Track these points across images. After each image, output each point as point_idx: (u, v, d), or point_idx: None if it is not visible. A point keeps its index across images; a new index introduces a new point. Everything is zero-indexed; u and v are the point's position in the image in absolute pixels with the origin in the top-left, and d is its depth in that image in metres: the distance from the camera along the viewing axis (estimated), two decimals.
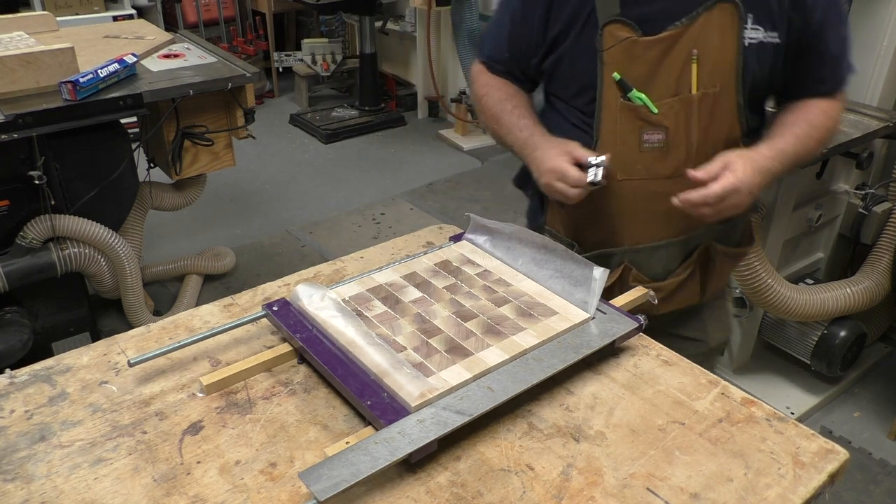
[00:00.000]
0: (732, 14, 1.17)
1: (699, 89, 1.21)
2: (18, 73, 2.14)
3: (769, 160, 1.19)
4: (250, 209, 3.97)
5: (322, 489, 0.81)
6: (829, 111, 1.28)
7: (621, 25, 1.21)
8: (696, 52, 1.19)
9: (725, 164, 1.15)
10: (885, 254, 2.43)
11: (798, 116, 1.27)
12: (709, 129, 1.25)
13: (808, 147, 1.25)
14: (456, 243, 1.33)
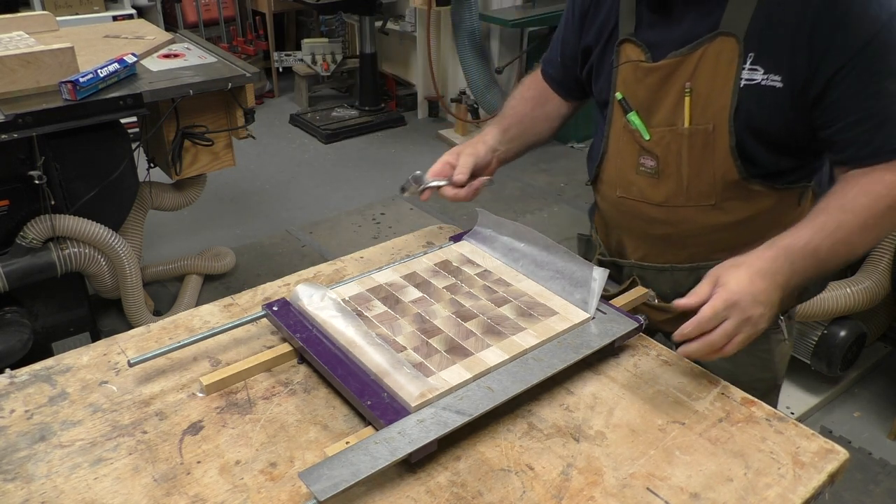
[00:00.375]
0: (732, 50, 1.09)
1: (691, 123, 1.15)
2: (18, 73, 2.14)
3: (771, 261, 1.01)
4: (250, 209, 3.97)
5: (322, 489, 0.81)
6: (874, 188, 1.05)
7: (634, 46, 1.20)
8: (689, 86, 1.13)
9: (714, 281, 1.01)
10: (885, 254, 2.43)
11: (829, 201, 1.07)
12: (701, 165, 1.17)
13: (837, 238, 1.04)
14: (456, 243, 1.33)
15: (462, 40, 4.39)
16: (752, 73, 1.09)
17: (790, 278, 1.02)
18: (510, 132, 1.39)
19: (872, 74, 1.02)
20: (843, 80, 1.04)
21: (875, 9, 1.00)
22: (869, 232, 1.06)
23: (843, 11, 1.01)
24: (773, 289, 1.00)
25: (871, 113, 1.04)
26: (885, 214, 1.05)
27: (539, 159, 4.39)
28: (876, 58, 1.01)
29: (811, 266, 1.04)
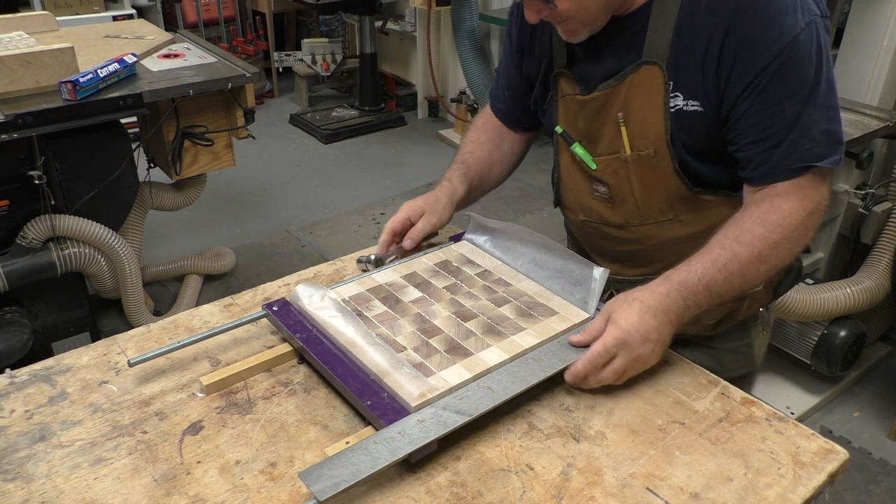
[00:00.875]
0: (657, 77, 1.09)
1: (633, 150, 1.16)
2: (18, 73, 2.14)
3: (663, 297, 1.02)
4: (250, 209, 3.97)
5: (322, 489, 0.81)
6: (768, 217, 1.05)
7: (568, 79, 1.22)
8: (622, 116, 1.14)
9: (607, 317, 1.02)
10: (885, 254, 2.43)
11: (727, 231, 1.07)
12: (651, 186, 1.18)
13: (730, 270, 1.04)
14: (456, 243, 1.33)
15: (462, 40, 4.39)
16: (675, 100, 1.10)
17: (683, 314, 1.04)
18: (471, 181, 1.38)
19: (771, 96, 1.03)
20: (745, 101, 1.05)
21: (776, 32, 1.01)
22: (763, 263, 1.06)
23: (743, 35, 1.02)
24: (664, 325, 1.02)
25: (768, 134, 1.05)
26: (779, 244, 1.05)
27: (539, 159, 4.39)
28: (775, 80, 1.02)
29: (704, 300, 1.05)
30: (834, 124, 1.05)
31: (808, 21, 1.01)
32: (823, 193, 1.08)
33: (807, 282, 2.51)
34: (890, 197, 2.48)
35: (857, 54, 2.47)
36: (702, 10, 1.05)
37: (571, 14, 1.07)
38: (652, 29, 1.09)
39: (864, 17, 2.43)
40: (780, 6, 1.00)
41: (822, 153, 1.04)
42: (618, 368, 1.00)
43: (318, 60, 5.21)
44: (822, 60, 1.02)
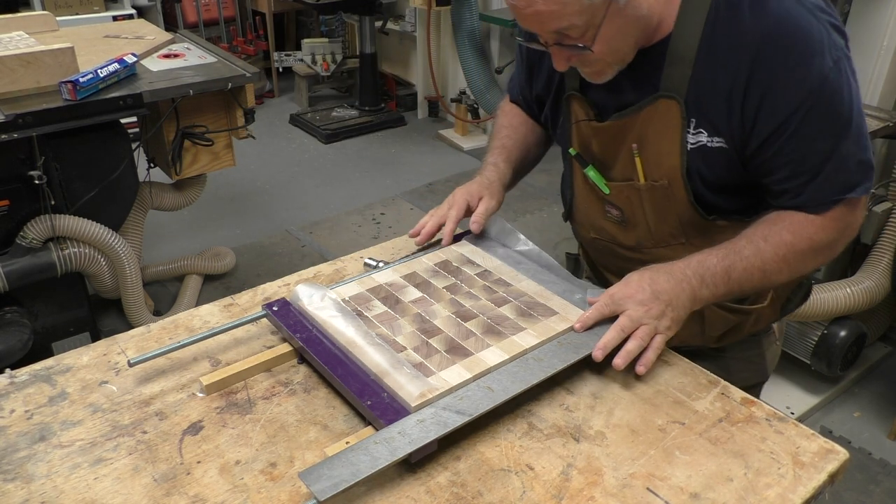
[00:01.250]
0: (674, 111, 1.08)
1: (646, 180, 1.16)
2: (18, 73, 2.14)
3: (680, 269, 1.06)
4: (250, 209, 3.97)
5: (322, 489, 0.81)
6: (800, 229, 1.07)
7: (581, 103, 1.20)
8: (636, 148, 1.14)
9: (622, 281, 1.07)
10: (885, 254, 2.43)
11: (756, 229, 1.09)
12: (664, 214, 1.18)
13: (752, 263, 1.06)
14: (456, 243, 1.33)
15: (462, 40, 4.39)
16: (698, 136, 1.09)
17: (699, 290, 1.06)
18: (515, 164, 1.37)
19: (805, 136, 1.02)
20: (776, 141, 1.04)
21: (805, 74, 0.99)
22: (786, 265, 1.07)
23: (770, 77, 1.01)
24: (676, 290, 1.04)
25: (802, 171, 1.05)
26: (806, 254, 1.07)
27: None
28: (807, 121, 1.01)
29: (722, 283, 1.06)
30: (866, 153, 1.06)
31: (836, 58, 0.99)
32: (858, 216, 1.09)
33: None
34: (890, 197, 2.48)
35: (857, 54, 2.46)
36: (723, 47, 1.03)
37: (603, 56, 1.05)
38: (669, 63, 1.07)
39: (864, 17, 2.43)
40: (807, 47, 0.99)
41: (856, 182, 1.05)
42: (634, 317, 1.02)
43: (318, 60, 5.21)
44: (851, 94, 1.02)
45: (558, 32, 1.01)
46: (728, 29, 1.02)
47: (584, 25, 0.99)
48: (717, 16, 1.03)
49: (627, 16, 1.00)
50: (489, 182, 1.32)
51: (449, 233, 1.28)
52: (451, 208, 1.28)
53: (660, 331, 1.04)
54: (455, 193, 1.30)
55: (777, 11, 0.99)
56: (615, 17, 0.99)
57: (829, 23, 1.00)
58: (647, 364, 1.02)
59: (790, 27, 0.99)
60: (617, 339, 1.03)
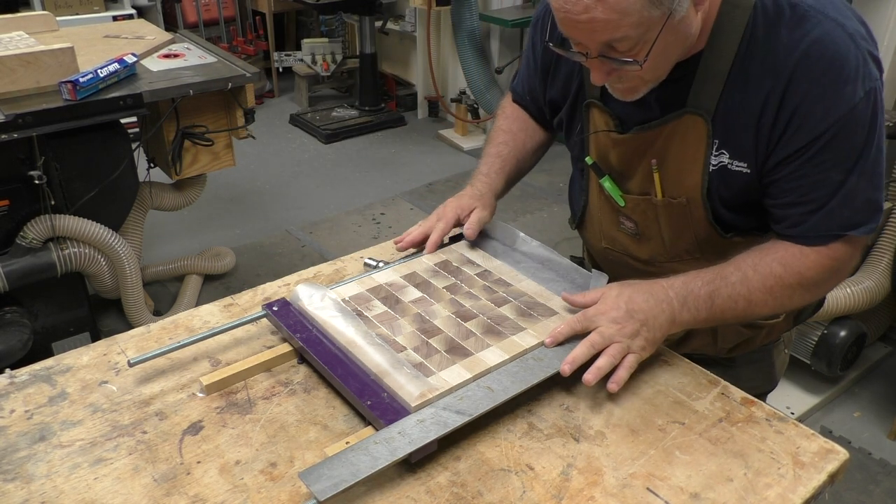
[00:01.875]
0: (700, 129, 1.05)
1: (664, 196, 1.13)
2: (18, 73, 2.14)
3: (662, 288, 1.03)
4: (250, 209, 3.97)
5: (322, 489, 0.81)
6: (792, 262, 1.03)
7: (601, 112, 1.17)
8: (656, 163, 1.11)
9: (598, 293, 1.05)
10: (885, 254, 2.43)
11: (745, 258, 1.05)
12: (680, 230, 1.16)
13: (737, 291, 1.03)
14: (456, 243, 1.33)
15: (462, 40, 4.39)
16: (720, 157, 1.07)
17: (680, 312, 1.03)
18: (509, 174, 1.35)
19: (819, 164, 0.99)
20: (791, 164, 1.01)
21: (834, 100, 0.96)
22: (772, 297, 1.04)
23: (801, 100, 0.97)
24: (655, 310, 1.01)
25: (809, 199, 1.02)
26: (794, 289, 1.04)
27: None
28: (826, 149, 0.98)
29: (704, 308, 1.03)
30: (877, 192, 1.02)
31: (868, 89, 0.96)
32: (855, 256, 1.06)
33: None
34: (890, 197, 2.48)
35: None
36: (757, 66, 0.99)
37: (643, 73, 1.00)
38: (700, 80, 1.04)
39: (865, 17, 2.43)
40: (842, 73, 0.95)
41: (860, 221, 1.02)
42: (606, 334, 1.00)
43: (318, 60, 5.21)
44: (875, 128, 0.98)
45: (607, 44, 0.95)
46: (764, 48, 0.99)
47: (636, 38, 0.93)
48: (754, 34, 0.99)
49: (679, 32, 0.96)
50: (480, 194, 1.30)
51: (433, 244, 1.25)
52: (439, 220, 1.27)
53: (633, 350, 1.01)
54: (446, 206, 1.28)
55: (816, 33, 0.96)
56: (668, 33, 0.94)
57: (868, 52, 0.97)
58: (618, 382, 1.00)
59: (828, 50, 0.95)
60: (586, 354, 1.00)
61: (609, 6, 0.89)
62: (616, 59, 0.96)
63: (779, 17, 0.98)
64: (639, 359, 1.02)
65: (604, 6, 0.89)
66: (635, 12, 0.89)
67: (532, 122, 1.41)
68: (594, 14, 0.90)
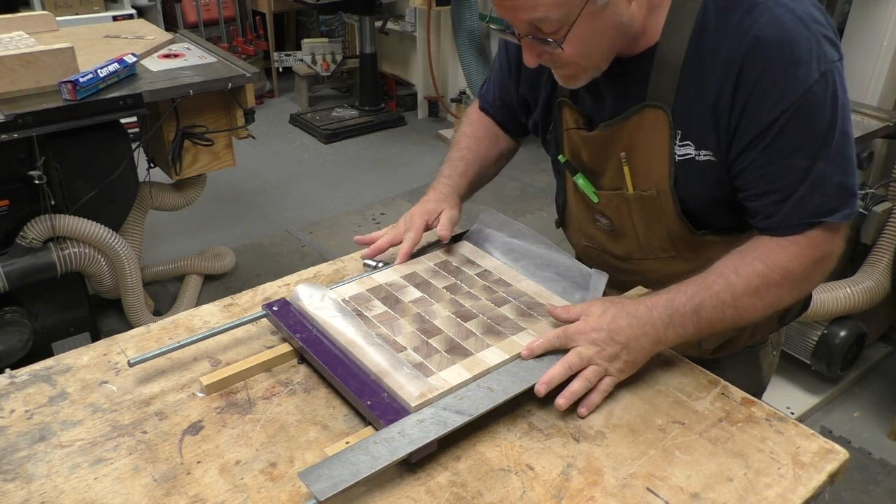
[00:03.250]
0: (661, 121, 1.06)
1: (635, 189, 1.13)
2: (18, 73, 2.14)
3: (647, 309, 1.00)
4: (250, 209, 3.97)
5: (322, 489, 0.81)
6: (772, 257, 1.01)
7: (571, 110, 1.18)
8: (625, 156, 1.12)
9: (582, 309, 1.03)
10: (885, 254, 2.43)
11: (727, 261, 1.03)
12: (653, 225, 1.16)
13: (722, 299, 1.00)
14: (456, 243, 1.33)
15: (462, 40, 4.39)
16: (686, 149, 1.07)
17: (666, 331, 1.00)
18: (471, 179, 1.35)
19: (781, 149, 0.98)
20: (752, 152, 1.01)
21: (788, 83, 0.95)
22: (759, 299, 1.01)
23: (753, 85, 0.97)
24: (638, 333, 0.99)
25: (777, 187, 1.00)
26: (780, 286, 1.01)
27: (539, 159, 4.39)
28: (784, 133, 0.97)
29: (691, 323, 1.01)
30: (847, 177, 1.00)
31: (824, 70, 0.95)
32: (836, 244, 1.04)
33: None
34: (890, 197, 2.48)
35: (857, 54, 2.47)
36: (710, 56, 1.00)
37: (574, 59, 1.02)
38: (656, 72, 1.04)
39: (864, 17, 2.43)
40: (794, 55, 0.95)
41: (834, 207, 1.00)
42: (584, 356, 0.98)
43: (318, 60, 5.21)
44: (836, 111, 0.97)
45: (533, 24, 0.98)
46: (716, 37, 0.99)
47: (559, 21, 0.96)
48: (706, 24, 1.00)
49: (605, 20, 0.97)
50: (445, 196, 1.30)
51: (404, 254, 1.24)
52: (409, 230, 1.25)
53: (610, 373, 0.99)
54: (412, 214, 1.27)
55: (765, 18, 0.96)
56: (591, 18, 0.96)
57: (822, 34, 0.96)
58: (589, 407, 0.98)
59: (777, 34, 0.95)
60: (562, 375, 0.98)
61: None
62: (540, 39, 0.99)
63: (730, 5, 0.99)
64: (615, 381, 1.00)
65: None
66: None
67: (497, 130, 1.40)
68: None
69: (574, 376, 0.99)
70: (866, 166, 2.36)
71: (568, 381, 0.99)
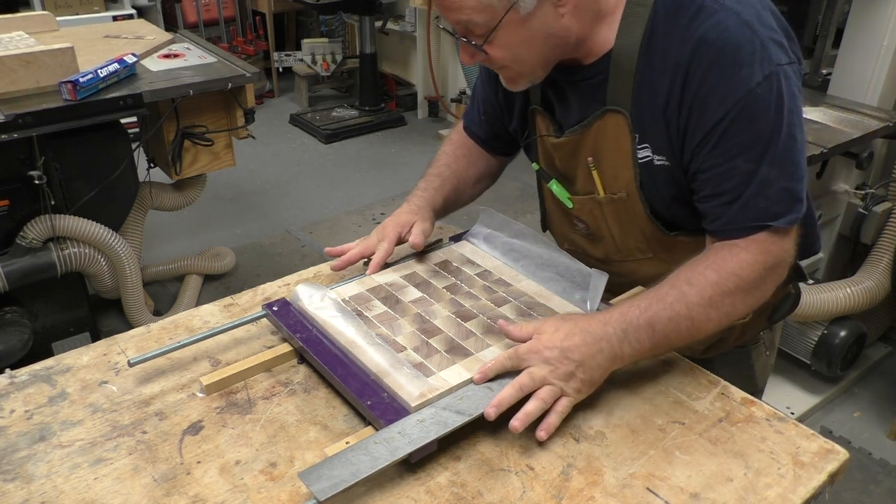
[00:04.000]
0: (622, 125, 1.07)
1: (606, 193, 1.14)
2: (18, 73, 2.14)
3: (601, 324, 0.97)
4: (250, 209, 3.97)
5: (322, 489, 0.81)
6: (724, 265, 0.99)
7: (543, 118, 1.19)
8: (592, 161, 1.13)
9: (535, 327, 0.99)
10: (885, 254, 2.43)
11: (679, 273, 1.01)
12: (627, 227, 1.17)
13: (677, 311, 0.98)
14: (456, 243, 1.33)
15: None
16: (645, 151, 1.07)
17: (621, 346, 0.97)
18: (447, 194, 1.34)
19: (725, 152, 0.98)
20: (699, 154, 1.01)
21: (729, 85, 0.96)
22: (714, 309, 0.99)
23: (697, 88, 0.98)
24: (592, 350, 0.96)
25: (723, 189, 1.00)
26: (734, 294, 0.99)
27: None
28: (727, 135, 0.97)
29: (646, 336, 0.98)
30: (793, 182, 1.00)
31: (768, 73, 0.95)
32: (786, 248, 1.02)
33: (807, 282, 2.51)
34: (890, 197, 2.48)
35: (857, 54, 2.47)
36: (659, 60, 1.01)
37: (504, 63, 1.05)
38: (613, 77, 1.05)
39: (864, 17, 2.43)
40: (736, 57, 0.95)
41: (779, 212, 0.99)
42: (537, 376, 0.95)
43: (318, 60, 5.21)
44: (781, 114, 0.96)
45: (463, 25, 1.01)
46: (664, 42, 1.00)
47: (485, 25, 0.98)
48: (655, 29, 1.01)
49: (532, 28, 0.99)
50: (417, 208, 1.29)
51: (376, 265, 1.22)
52: (381, 241, 1.24)
53: (566, 393, 0.96)
54: (385, 226, 1.26)
55: (710, 22, 0.96)
56: (516, 26, 0.98)
57: (769, 38, 0.96)
58: (547, 429, 0.94)
59: (720, 37, 0.95)
60: (514, 397, 0.94)
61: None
62: (467, 41, 1.03)
63: (677, 10, 1.00)
64: (573, 402, 0.97)
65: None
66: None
67: (478, 151, 1.40)
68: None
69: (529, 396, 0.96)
70: (866, 166, 2.36)
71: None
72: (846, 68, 2.52)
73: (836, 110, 2.41)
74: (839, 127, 2.27)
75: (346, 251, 1.25)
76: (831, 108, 2.42)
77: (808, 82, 2.65)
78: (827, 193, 2.54)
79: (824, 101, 2.49)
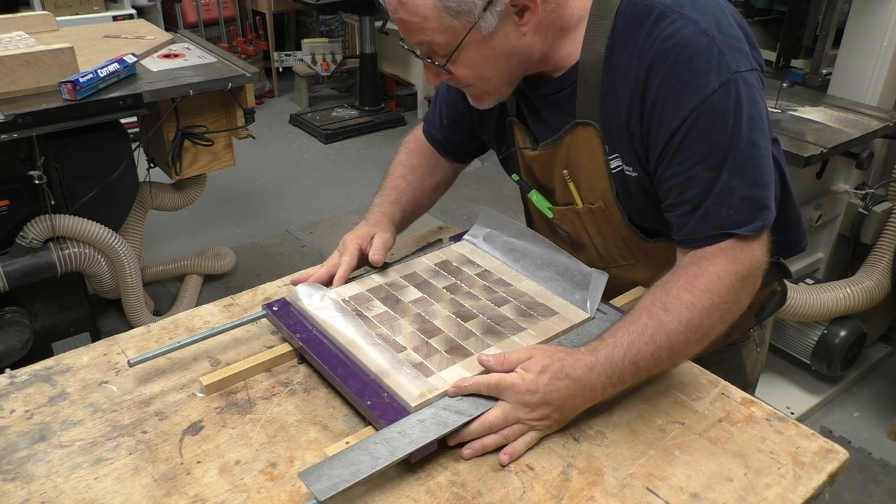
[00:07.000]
0: (593, 137, 1.07)
1: (584, 203, 1.15)
2: (18, 73, 2.14)
3: (586, 371, 0.95)
4: (250, 209, 3.97)
5: (322, 489, 0.82)
6: (695, 283, 0.97)
7: (520, 130, 1.19)
8: (567, 173, 1.13)
9: (528, 357, 0.96)
10: (885, 254, 2.43)
11: (653, 296, 0.99)
12: (607, 236, 1.17)
13: (658, 343, 0.96)
14: (456, 243, 1.33)
15: None
16: (616, 162, 1.07)
17: (604, 390, 0.96)
18: (405, 207, 1.32)
19: (683, 161, 0.98)
20: (661, 164, 1.01)
21: (685, 94, 0.95)
22: (693, 332, 0.97)
23: (655, 98, 0.97)
24: (574, 395, 0.95)
25: (684, 199, 0.99)
26: (710, 311, 0.97)
27: None
28: (685, 144, 0.97)
29: (630, 376, 0.96)
30: (756, 189, 0.98)
31: (725, 80, 0.94)
32: (756, 256, 0.99)
33: (807, 282, 2.51)
34: (890, 197, 2.48)
35: (857, 54, 2.47)
36: (621, 71, 1.01)
37: (469, 82, 1.05)
38: (581, 90, 1.05)
39: (864, 17, 2.43)
40: (691, 66, 0.95)
41: (742, 220, 0.97)
42: (509, 417, 0.93)
43: (318, 60, 5.21)
44: (740, 122, 0.95)
45: (427, 46, 1.00)
46: (625, 53, 1.00)
47: (447, 45, 0.98)
48: (616, 41, 1.01)
49: (494, 48, 0.99)
50: (376, 221, 1.28)
51: (341, 278, 1.20)
52: (343, 256, 1.23)
53: (537, 428, 0.95)
54: (345, 240, 1.25)
55: (667, 31, 0.96)
56: (479, 45, 0.98)
57: (729, 45, 0.95)
58: (512, 455, 0.93)
59: (677, 46, 0.95)
60: (478, 433, 0.94)
61: (409, 10, 0.95)
62: (431, 61, 1.03)
63: (638, 21, 0.99)
64: (541, 435, 0.96)
65: (405, 9, 0.96)
66: (434, 18, 0.95)
67: (435, 159, 1.38)
68: (401, 15, 0.97)
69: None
70: (866, 166, 2.36)
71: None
72: (846, 68, 2.51)
73: (836, 110, 2.41)
74: (839, 127, 2.27)
75: (311, 276, 1.22)
76: (831, 108, 2.42)
77: (808, 82, 2.65)
78: (827, 193, 2.54)
79: (824, 101, 2.49)
